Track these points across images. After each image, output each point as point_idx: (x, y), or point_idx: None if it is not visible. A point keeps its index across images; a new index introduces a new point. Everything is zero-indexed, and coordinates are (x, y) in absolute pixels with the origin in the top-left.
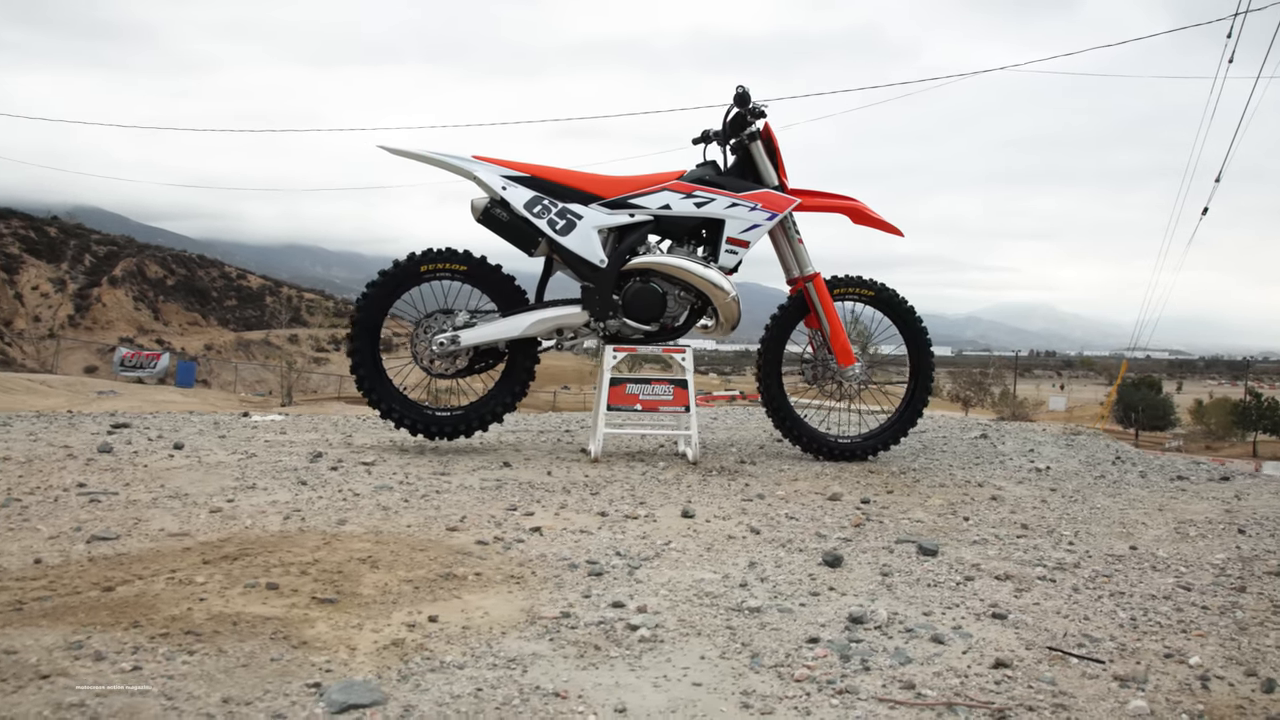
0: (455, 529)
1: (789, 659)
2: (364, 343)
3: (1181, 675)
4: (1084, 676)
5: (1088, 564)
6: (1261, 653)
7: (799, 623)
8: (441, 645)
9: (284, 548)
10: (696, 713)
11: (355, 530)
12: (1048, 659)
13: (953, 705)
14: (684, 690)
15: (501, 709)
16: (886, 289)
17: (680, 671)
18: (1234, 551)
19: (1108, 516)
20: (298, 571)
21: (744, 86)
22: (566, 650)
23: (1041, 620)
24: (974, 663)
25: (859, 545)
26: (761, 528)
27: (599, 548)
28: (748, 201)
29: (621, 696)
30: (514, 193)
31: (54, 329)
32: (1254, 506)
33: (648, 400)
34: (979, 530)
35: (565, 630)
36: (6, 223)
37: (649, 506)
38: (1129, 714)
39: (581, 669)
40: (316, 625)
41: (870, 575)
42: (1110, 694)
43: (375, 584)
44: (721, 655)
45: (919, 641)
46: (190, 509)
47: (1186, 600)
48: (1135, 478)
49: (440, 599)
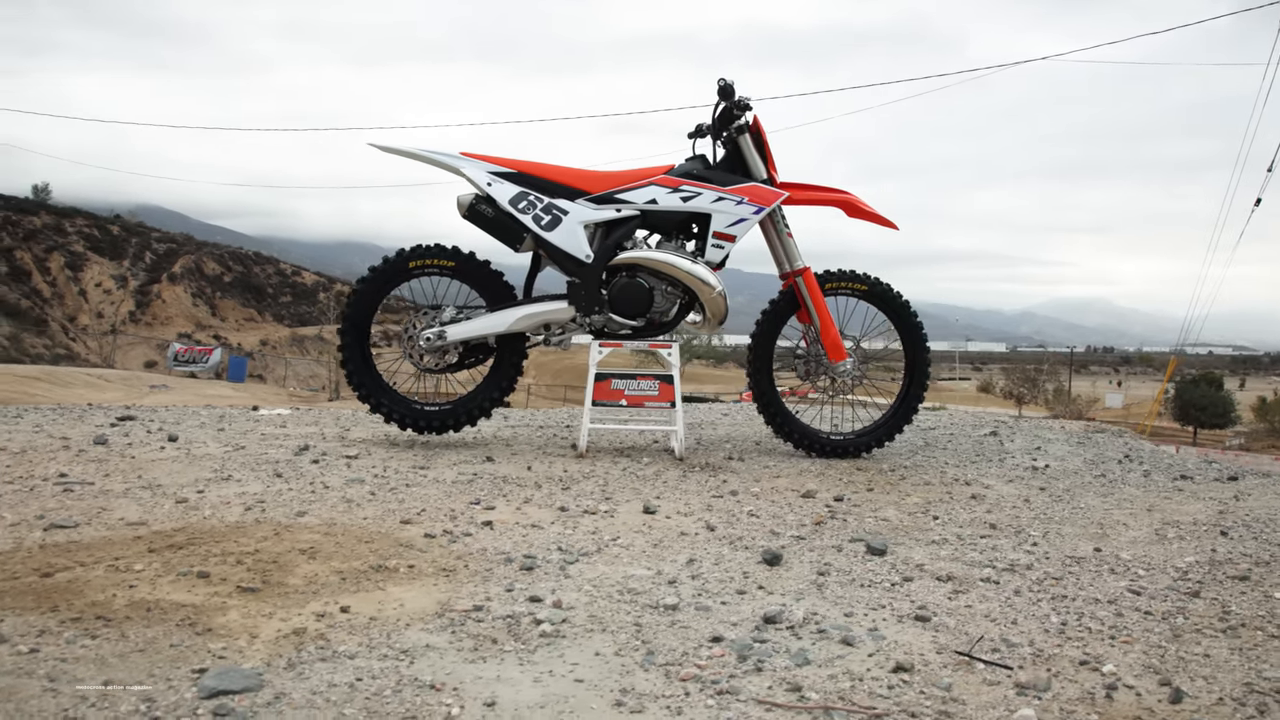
0: (409, 522)
1: (683, 658)
2: (353, 338)
3: (1089, 684)
4: (984, 683)
5: (1042, 566)
6: (1185, 661)
7: (710, 621)
8: (342, 635)
9: (233, 538)
10: (565, 709)
11: (310, 522)
12: (954, 664)
13: (830, 709)
14: (563, 686)
15: (371, 699)
16: (880, 283)
17: (568, 667)
18: (1207, 554)
19: (1088, 517)
20: (234, 561)
21: (726, 79)
22: (463, 643)
23: (966, 624)
24: (875, 666)
25: (809, 544)
26: (718, 525)
27: (543, 543)
28: (734, 195)
29: (496, 690)
30: (499, 189)
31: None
32: (1251, 507)
33: (633, 396)
34: (944, 530)
35: (471, 623)
36: (71, 221)
37: (614, 502)
38: None
39: (469, 662)
40: (229, 613)
41: (806, 574)
42: (1003, 702)
43: (306, 574)
44: (617, 652)
45: (827, 643)
46: (158, 499)
47: (1131, 605)
48: (1137, 477)
49: (363, 590)
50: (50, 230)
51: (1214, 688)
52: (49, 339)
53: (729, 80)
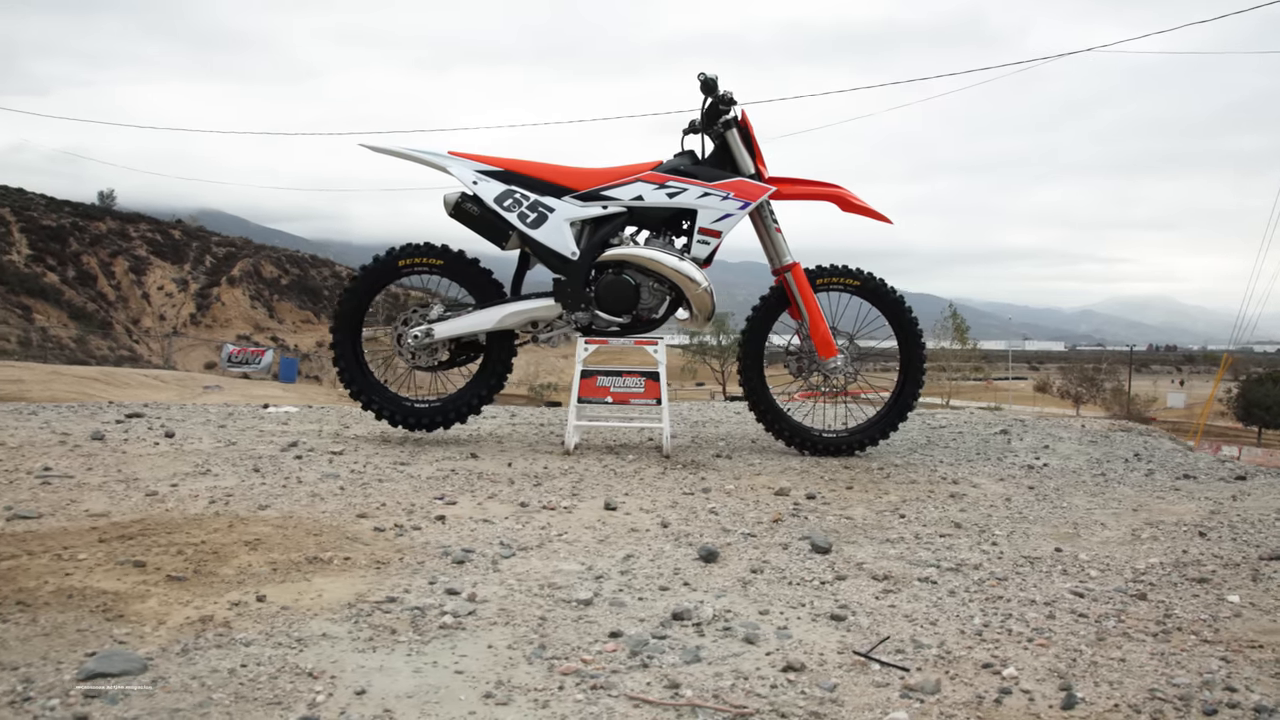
0: (364, 516)
1: (573, 652)
2: (345, 336)
3: (983, 687)
4: (874, 685)
5: (991, 566)
6: (1097, 666)
7: (619, 617)
8: (247, 624)
9: (186, 530)
10: (433, 699)
11: (269, 515)
12: (850, 665)
13: (697, 707)
14: (440, 677)
15: (245, 685)
16: (874, 279)
17: (455, 659)
18: (1175, 555)
19: (1066, 516)
20: (175, 551)
21: (706, 73)
22: (361, 633)
23: (882, 624)
24: (766, 665)
25: (756, 541)
26: (674, 521)
27: (488, 537)
28: (720, 191)
29: (372, 679)
30: (485, 187)
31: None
32: (1247, 508)
33: (619, 393)
34: (905, 528)
35: (378, 614)
36: (135, 226)
37: (580, 498)
38: None
39: (359, 651)
40: (149, 600)
41: (737, 572)
42: (882, 704)
43: (240, 565)
44: (510, 646)
45: (729, 641)
46: (130, 492)
47: (1067, 607)
48: (1138, 476)
49: (289, 581)
50: (115, 235)
51: (1114, 694)
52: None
53: (710, 75)
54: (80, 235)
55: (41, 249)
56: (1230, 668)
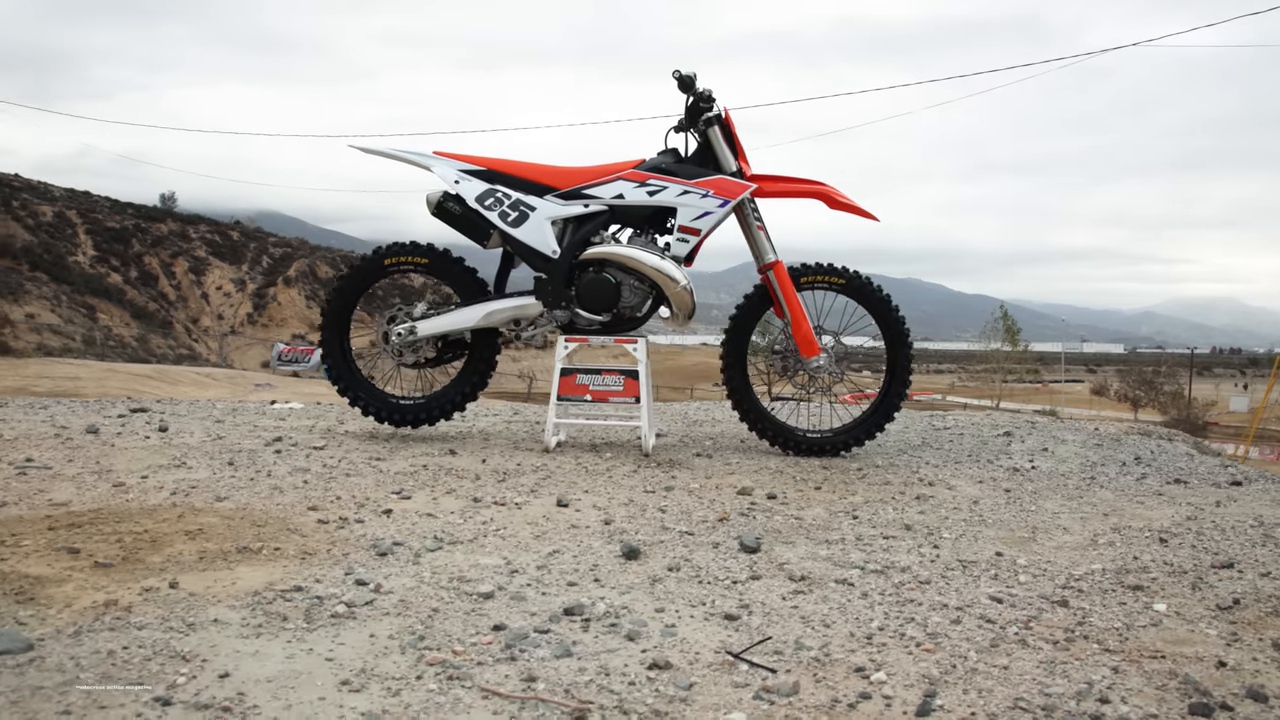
0: (315, 508)
1: (448, 644)
2: (332, 333)
3: (844, 691)
4: (733, 685)
5: (919, 569)
6: (975, 673)
7: (511, 611)
8: (148, 608)
9: (135, 519)
10: (291, 684)
11: (223, 507)
12: (720, 665)
13: (541, 701)
14: (308, 664)
15: (117, 666)
16: (859, 277)
17: (331, 647)
18: (1122, 562)
19: (1029, 520)
20: (114, 539)
21: (682, 71)
22: (253, 621)
23: (774, 625)
24: (635, 663)
25: (691, 540)
26: (618, 519)
27: (423, 531)
28: (699, 189)
29: (240, 664)
30: (467, 186)
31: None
32: (1228, 514)
33: (598, 391)
34: (851, 530)
35: (279, 602)
36: (195, 228)
37: (536, 495)
38: None
39: (242, 637)
40: (65, 585)
41: (653, 570)
42: (730, 705)
43: (171, 553)
44: (390, 636)
45: (609, 637)
46: (99, 483)
47: (977, 613)
48: (1129, 481)
49: (212, 569)
50: (176, 236)
51: (978, 702)
52: (173, 340)
53: (687, 72)
54: (142, 236)
55: (105, 250)
56: (1117, 678)
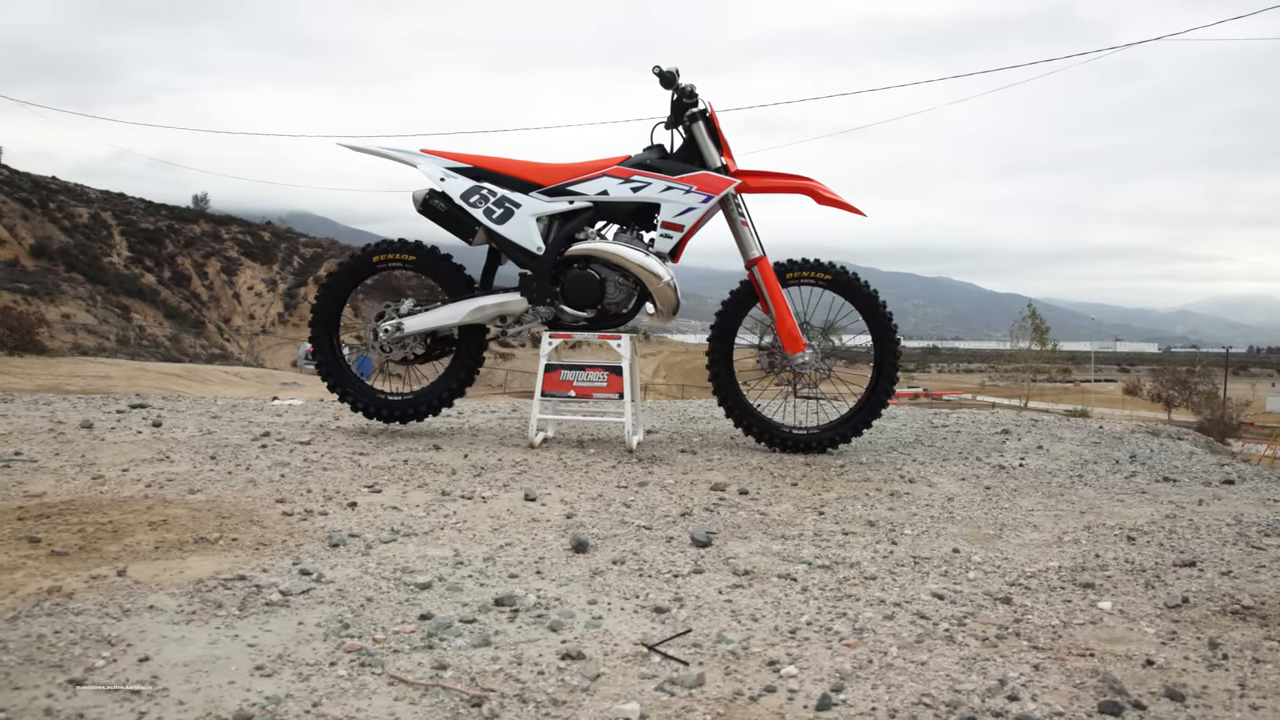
0: (283, 501)
1: (371, 632)
2: (322, 330)
3: (750, 684)
4: (640, 677)
5: (868, 565)
6: (890, 669)
7: (444, 601)
8: (90, 595)
9: (104, 510)
10: (207, 668)
11: (194, 499)
12: (634, 656)
13: (444, 689)
14: (229, 649)
15: (44, 649)
16: (846, 272)
17: (257, 634)
18: (1080, 560)
19: (1000, 518)
20: (76, 530)
21: (662, 67)
22: (190, 608)
23: (701, 618)
24: (550, 653)
25: (647, 534)
26: (581, 514)
27: (382, 523)
28: (682, 184)
29: (163, 649)
30: (452, 183)
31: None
32: (1205, 513)
33: (581, 387)
34: (812, 525)
35: (219, 590)
36: (227, 228)
37: (508, 489)
38: (614, 715)
39: (172, 624)
40: (17, 573)
41: (598, 563)
42: (629, 695)
43: (129, 543)
44: (317, 624)
45: (533, 628)
46: (79, 476)
47: (913, 609)
48: (1118, 479)
49: (164, 558)
50: (208, 237)
51: (884, 697)
52: (205, 339)
53: (668, 68)
54: (175, 237)
55: (140, 251)
56: (1035, 676)
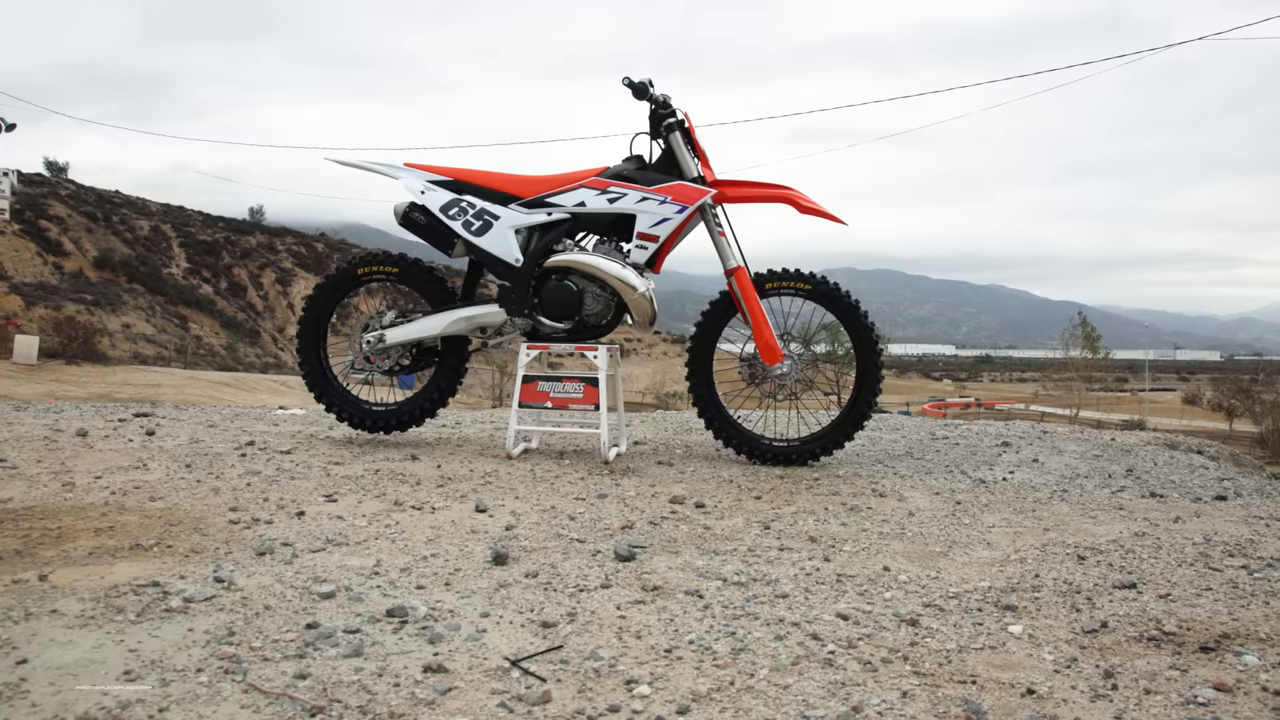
0: (235, 509)
1: (250, 639)
2: (308, 342)
3: (596, 704)
4: (492, 692)
5: (788, 583)
6: (750, 691)
7: (338, 612)
8: (4, 598)
9: (58, 516)
10: (78, 672)
11: (151, 506)
12: (495, 670)
13: (290, 699)
14: (107, 654)
15: None
16: (826, 282)
17: (142, 640)
18: (1014, 581)
19: (955, 535)
20: (21, 535)
21: (632, 78)
22: (91, 612)
23: (584, 634)
24: (415, 665)
25: (576, 547)
26: (522, 525)
27: (319, 533)
28: (657, 195)
29: (44, 652)
30: (432, 196)
31: None
32: (1175, 531)
33: (558, 398)
34: (751, 541)
35: (128, 596)
36: (282, 240)
37: (464, 501)
38: None
39: (66, 628)
40: None
41: (511, 576)
42: (471, 710)
43: (68, 549)
44: (206, 631)
45: (412, 640)
46: (51, 483)
47: (808, 630)
48: (1103, 494)
49: (94, 564)
50: (264, 249)
51: None
52: (260, 348)
53: (640, 79)
54: (232, 249)
55: (198, 262)
56: (900, 703)
